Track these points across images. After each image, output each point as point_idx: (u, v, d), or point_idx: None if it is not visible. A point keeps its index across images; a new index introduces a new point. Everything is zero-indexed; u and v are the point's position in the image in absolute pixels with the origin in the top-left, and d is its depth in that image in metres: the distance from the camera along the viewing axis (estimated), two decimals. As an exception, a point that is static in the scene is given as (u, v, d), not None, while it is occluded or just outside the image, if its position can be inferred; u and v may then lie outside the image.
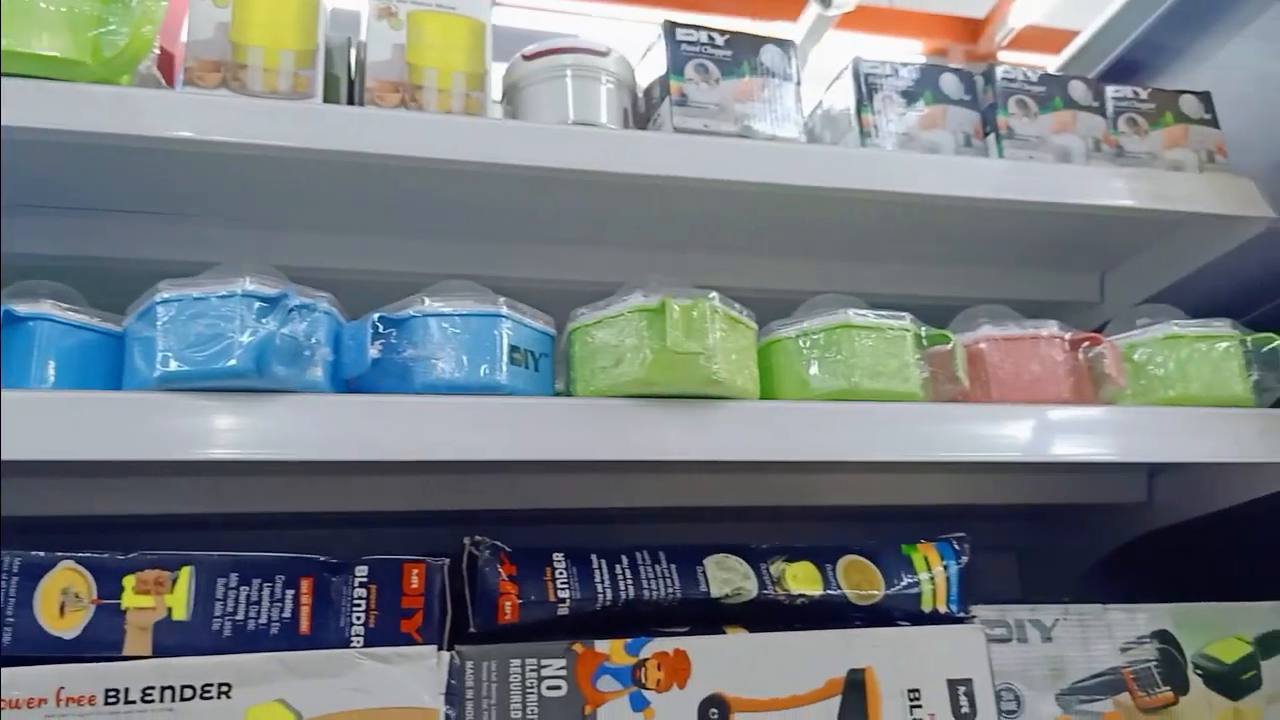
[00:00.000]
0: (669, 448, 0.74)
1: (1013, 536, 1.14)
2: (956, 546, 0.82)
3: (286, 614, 0.67)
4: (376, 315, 0.71)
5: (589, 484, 0.89)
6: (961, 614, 0.81)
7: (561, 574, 0.73)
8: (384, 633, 0.68)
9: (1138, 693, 0.83)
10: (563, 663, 0.71)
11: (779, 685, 0.74)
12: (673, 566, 0.76)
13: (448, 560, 0.72)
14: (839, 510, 0.94)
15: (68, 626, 0.63)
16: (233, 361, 0.65)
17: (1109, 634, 0.85)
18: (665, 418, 0.75)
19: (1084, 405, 0.85)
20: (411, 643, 0.69)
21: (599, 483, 0.90)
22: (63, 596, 0.63)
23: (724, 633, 0.75)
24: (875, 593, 0.79)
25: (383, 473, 0.83)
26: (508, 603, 0.71)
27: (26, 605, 0.63)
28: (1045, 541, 1.14)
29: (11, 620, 0.62)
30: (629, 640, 0.73)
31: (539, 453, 0.71)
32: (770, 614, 0.77)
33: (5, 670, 0.61)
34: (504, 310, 0.74)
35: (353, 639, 0.68)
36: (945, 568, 0.81)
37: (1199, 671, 0.85)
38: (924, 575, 0.80)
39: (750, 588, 0.76)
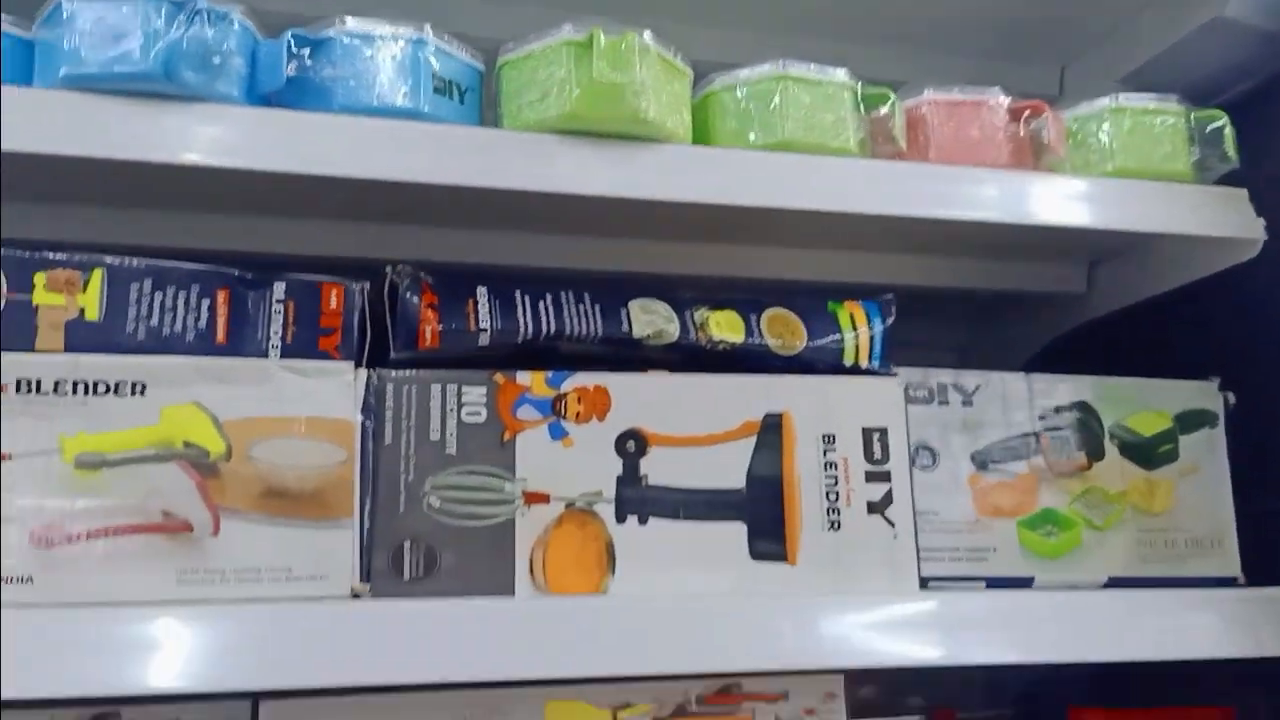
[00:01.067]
0: (596, 183, 0.73)
1: (952, 332, 1.15)
2: (882, 306, 0.83)
3: (202, 324, 0.67)
4: (291, 33, 0.70)
5: (511, 242, 0.89)
6: (884, 371, 0.82)
7: (484, 305, 0.74)
8: (301, 349, 0.69)
9: (1051, 456, 0.85)
10: (483, 390, 0.73)
11: (697, 423, 0.75)
12: (596, 306, 0.76)
13: (367, 284, 0.72)
14: (765, 284, 0.94)
15: (-22, 319, 0.64)
16: (139, 62, 0.63)
17: (1029, 402, 0.86)
18: (594, 154, 0.74)
19: (1023, 171, 0.85)
20: (330, 359, 0.69)
21: (522, 241, 0.89)
22: (-27, 289, 0.64)
23: (644, 372, 0.77)
24: (798, 344, 0.80)
25: (297, 216, 0.82)
26: (428, 328, 0.72)
27: (-64, 295, 0.63)
28: (985, 335, 1.16)
29: (-80, 309, 0.63)
30: (550, 373, 0.74)
31: (461, 178, 0.70)
32: (691, 358, 0.78)
33: (-85, 355, 0.61)
34: (428, 36, 0.73)
35: (270, 352, 0.68)
36: (870, 326, 0.82)
37: (1115, 441, 0.87)
38: (849, 332, 0.81)
39: (673, 331, 0.77)
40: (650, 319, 0.77)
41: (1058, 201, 0.84)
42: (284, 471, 0.66)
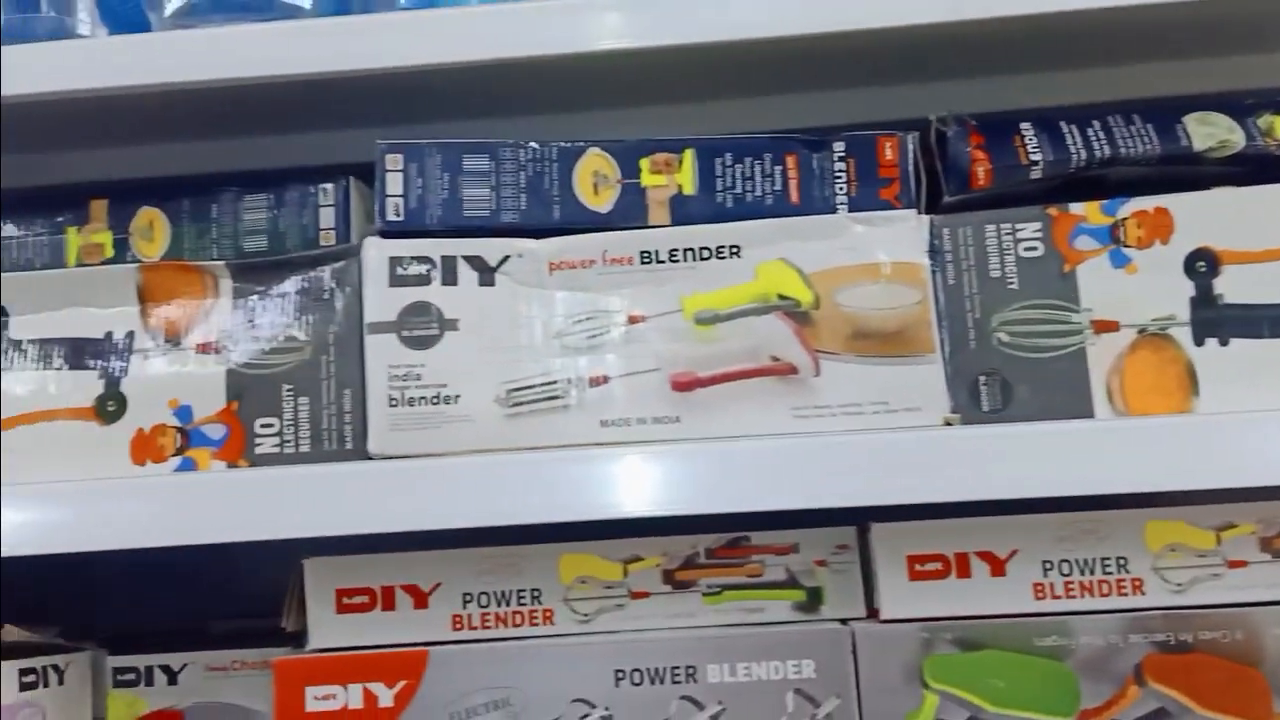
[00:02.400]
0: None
1: None
2: None
3: (777, 186, 0.74)
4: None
5: (1043, 82, 0.87)
6: None
7: (1031, 139, 0.74)
8: (864, 201, 0.74)
9: None
10: (1038, 225, 0.74)
11: (1274, 236, 0.72)
12: (1149, 125, 0.74)
13: (916, 133, 0.75)
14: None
15: (601, 203, 0.74)
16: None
17: None
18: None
19: None
20: (891, 209, 0.74)
21: (1049, 80, 0.88)
22: (594, 178, 0.74)
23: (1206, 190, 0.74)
24: (1386, 140, 0.73)
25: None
26: (980, 168, 0.74)
27: (568, 186, 0.75)
28: None
29: (558, 199, 0.75)
30: (1105, 201, 0.74)
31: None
32: (1258, 169, 0.74)
33: (559, 239, 0.74)
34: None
35: (837, 207, 0.74)
36: None
37: None
38: None
39: (1237, 140, 0.73)
40: (1210, 130, 0.74)
41: None
42: (868, 314, 0.72)
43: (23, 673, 0.77)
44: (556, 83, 0.82)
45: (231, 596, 1.03)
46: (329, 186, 0.81)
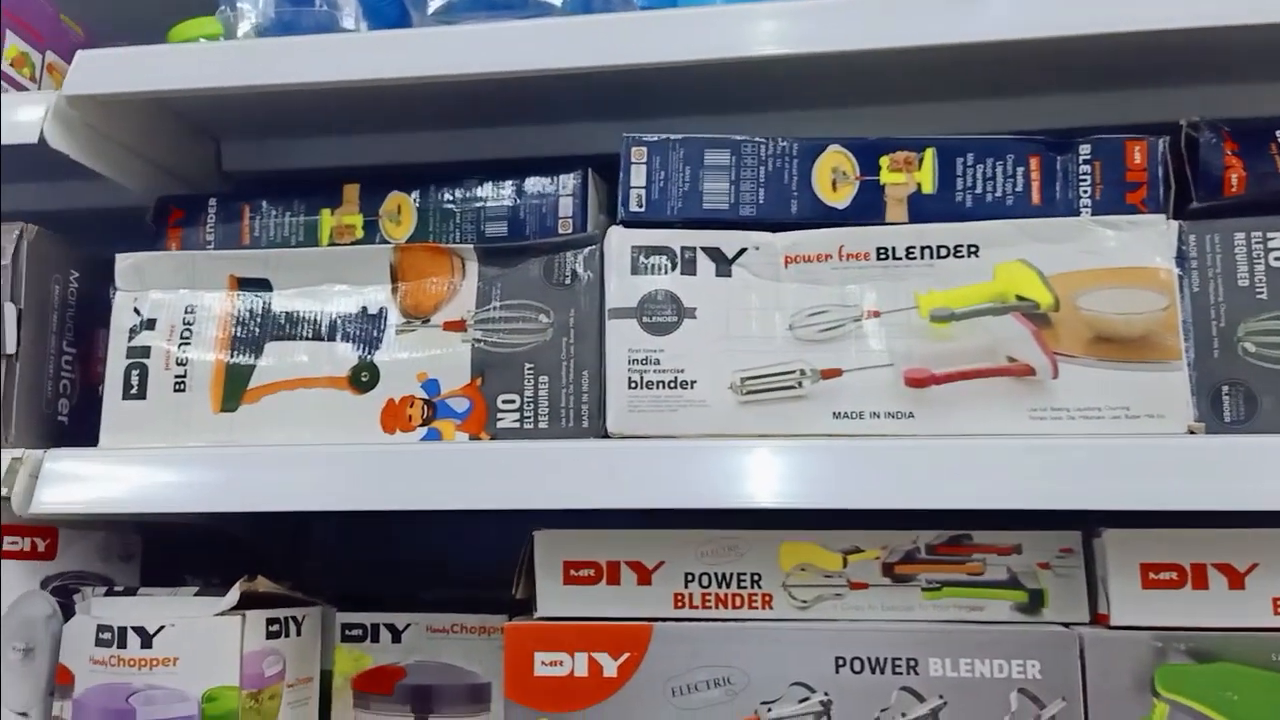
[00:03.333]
0: None
1: None
2: None
3: (1018, 188, 0.74)
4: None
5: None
6: None
7: (1289, 147, 0.73)
8: (1109, 205, 0.74)
9: None
10: (1289, 234, 0.72)
11: None
12: None
13: (1167, 137, 0.74)
14: None
15: (839, 199, 0.76)
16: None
17: None
18: None
19: None
20: (1137, 213, 0.73)
21: None
22: (833, 174, 0.76)
23: None
24: None
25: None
26: (1234, 175, 0.73)
27: (806, 181, 0.76)
28: None
29: (796, 194, 0.76)
30: (1363, 212, 0.72)
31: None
32: None
33: (796, 233, 0.75)
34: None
35: (1080, 210, 0.74)
36: None
37: None
38: None
39: None
40: None
41: None
42: (1110, 319, 0.71)
43: (269, 622, 0.83)
44: (793, 79, 0.84)
45: (440, 570, 1.09)
46: (569, 177, 0.84)
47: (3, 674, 0.80)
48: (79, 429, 0.87)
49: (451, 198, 0.86)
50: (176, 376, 0.83)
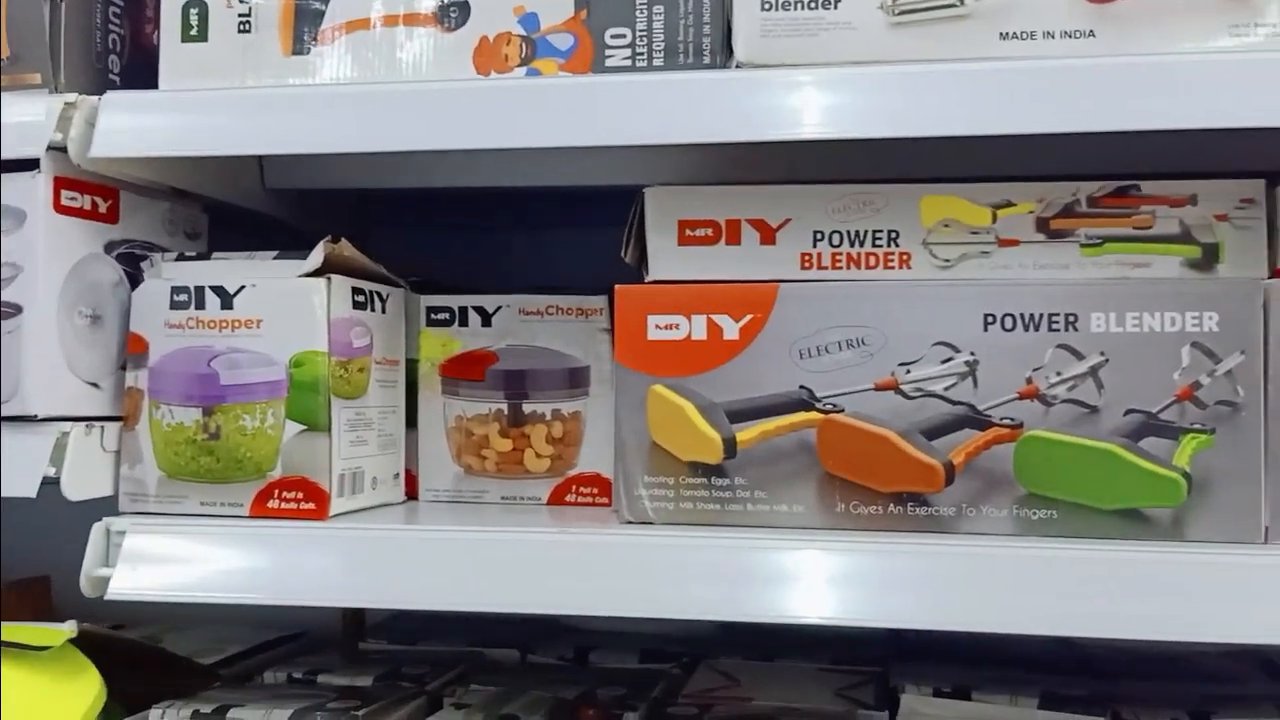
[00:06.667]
0: None
1: None
2: None
3: None
4: None
5: None
6: None
7: None
8: None
9: None
10: None
11: None
12: None
13: None
14: None
15: None
16: None
17: None
18: None
19: None
20: None
21: None
22: None
23: None
24: None
25: None
26: None
27: None
28: None
29: None
30: None
31: None
32: None
33: None
34: None
35: None
36: None
37: None
38: None
39: None
40: None
41: None
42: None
43: (355, 291, 0.77)
44: None
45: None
46: None
47: (70, 341, 0.75)
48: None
49: None
50: (240, 15, 0.74)
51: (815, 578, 0.64)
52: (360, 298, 0.78)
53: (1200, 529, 0.64)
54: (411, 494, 0.85)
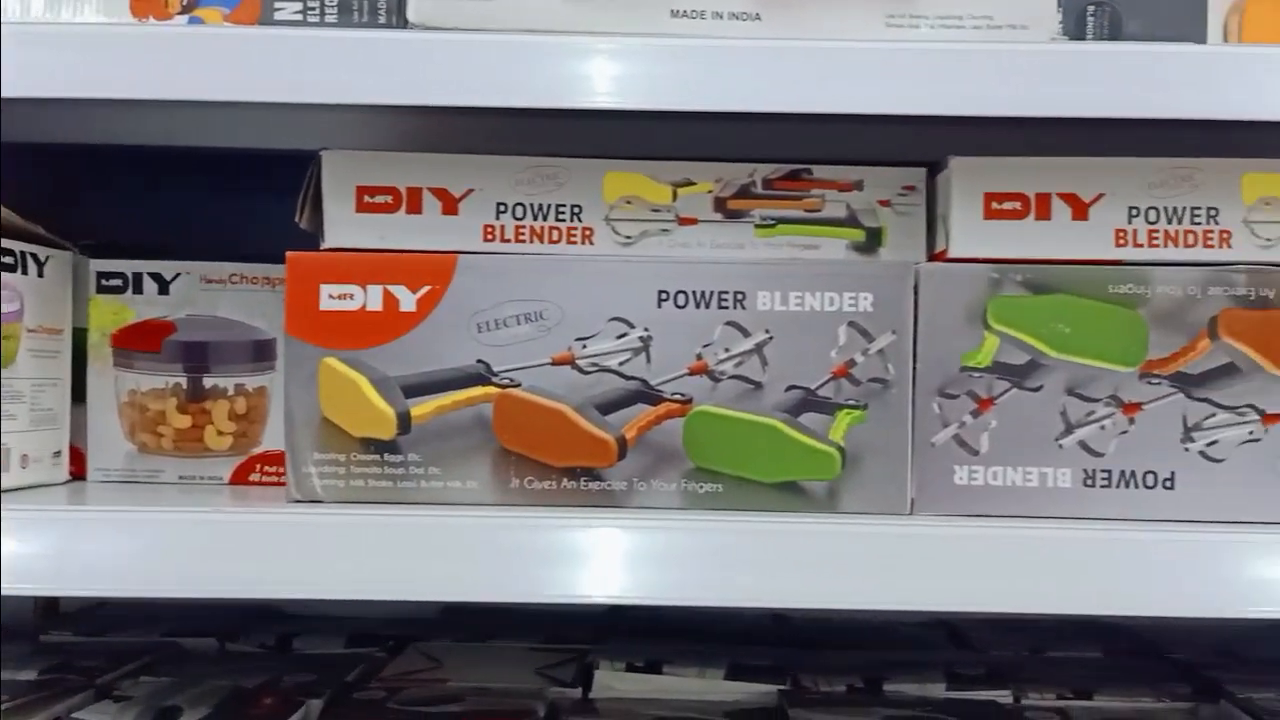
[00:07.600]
0: None
1: None
2: None
3: None
4: None
5: None
6: None
7: None
8: None
9: None
10: None
11: None
12: None
13: None
14: None
15: None
16: None
17: None
18: None
19: None
20: None
21: None
22: None
23: None
24: None
25: None
26: None
27: None
28: None
29: None
30: None
31: None
32: None
33: None
34: None
35: None
36: None
37: None
38: None
39: None
40: None
41: None
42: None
43: (2, 252, 0.70)
44: None
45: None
46: None
47: None
48: None
49: None
50: None
51: (488, 552, 0.64)
52: (9, 259, 0.71)
53: (852, 501, 0.66)
54: (80, 474, 0.79)
